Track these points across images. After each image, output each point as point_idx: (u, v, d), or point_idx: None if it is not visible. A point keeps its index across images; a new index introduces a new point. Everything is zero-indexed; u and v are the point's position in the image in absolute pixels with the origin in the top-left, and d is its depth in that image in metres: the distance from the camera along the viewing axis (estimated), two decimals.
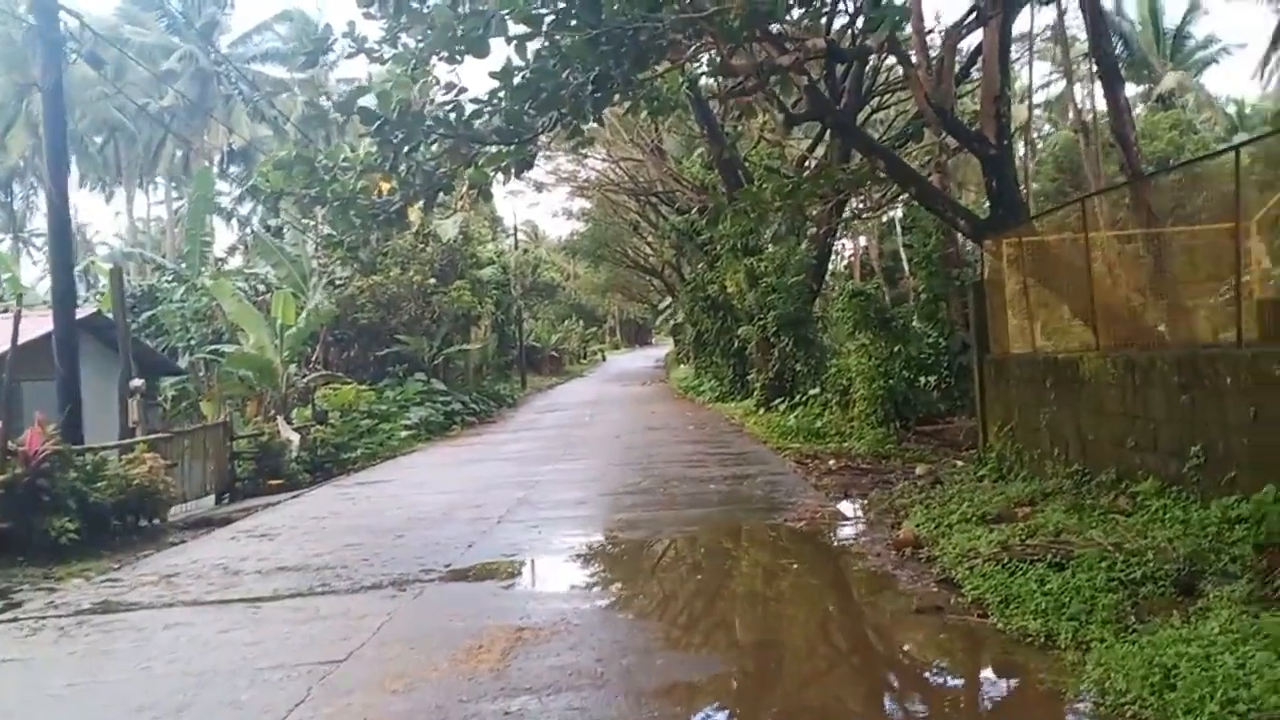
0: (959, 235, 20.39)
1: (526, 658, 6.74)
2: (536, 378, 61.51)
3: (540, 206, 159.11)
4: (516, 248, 62.39)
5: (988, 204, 14.98)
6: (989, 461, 13.30)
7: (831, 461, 17.39)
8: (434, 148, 13.50)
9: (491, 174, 14.26)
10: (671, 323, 64.51)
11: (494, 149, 13.36)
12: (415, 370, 34.21)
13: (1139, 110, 40.66)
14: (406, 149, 12.87)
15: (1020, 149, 23.76)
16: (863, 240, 47.25)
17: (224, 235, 58.32)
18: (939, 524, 9.96)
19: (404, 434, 26.01)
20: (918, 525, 10.18)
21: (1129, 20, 46.89)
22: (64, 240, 14.26)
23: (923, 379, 20.26)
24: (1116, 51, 26.67)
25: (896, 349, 19.94)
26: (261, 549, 11.89)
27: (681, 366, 63.32)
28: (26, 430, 12.53)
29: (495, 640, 7.18)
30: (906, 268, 41.96)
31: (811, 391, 24.61)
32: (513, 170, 14.15)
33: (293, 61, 48.43)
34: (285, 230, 31.14)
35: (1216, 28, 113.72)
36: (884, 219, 38.35)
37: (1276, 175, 8.66)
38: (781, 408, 25.31)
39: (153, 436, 16.01)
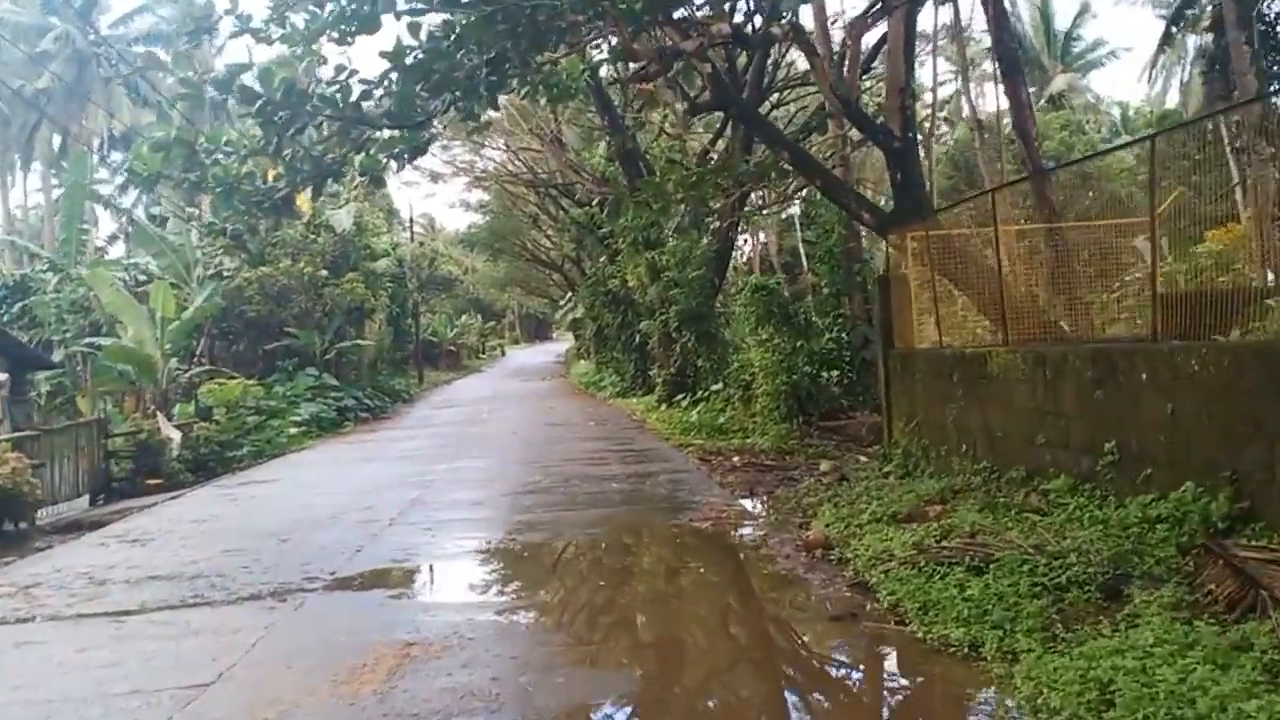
0: (860, 230, 20.37)
1: (415, 677, 6.21)
2: (434, 373, 60.33)
3: (437, 198, 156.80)
4: (413, 240, 61.09)
5: (890, 198, 14.87)
6: (894, 458, 13.12)
7: (736, 458, 17.12)
8: (322, 130, 12.84)
9: (384, 161, 13.64)
10: (571, 318, 63.91)
11: (386, 134, 12.76)
12: (306, 365, 33.07)
13: None
14: (291, 131, 12.15)
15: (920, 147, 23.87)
16: (763, 236, 47.33)
17: (107, 225, 55.91)
18: (848, 524, 9.69)
19: (294, 431, 25.02)
20: (827, 525, 9.90)
21: (1022, 22, 47.80)
22: None
23: (825, 374, 20.15)
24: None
25: (799, 344, 19.78)
26: (132, 556, 11.07)
27: (582, 362, 62.77)
28: None
29: (381, 658, 6.63)
30: (805, 263, 42.24)
31: (714, 387, 24.38)
32: (406, 157, 13.54)
33: (175, 43, 46.40)
34: (168, 220, 29.73)
35: (1105, 31, 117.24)
36: (783, 215, 38.40)
37: (1162, 174, 8.54)
38: (684, 403, 25.03)
39: (16, 435, 14.95)
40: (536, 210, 46.78)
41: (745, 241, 42.45)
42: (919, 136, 18.44)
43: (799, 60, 26.66)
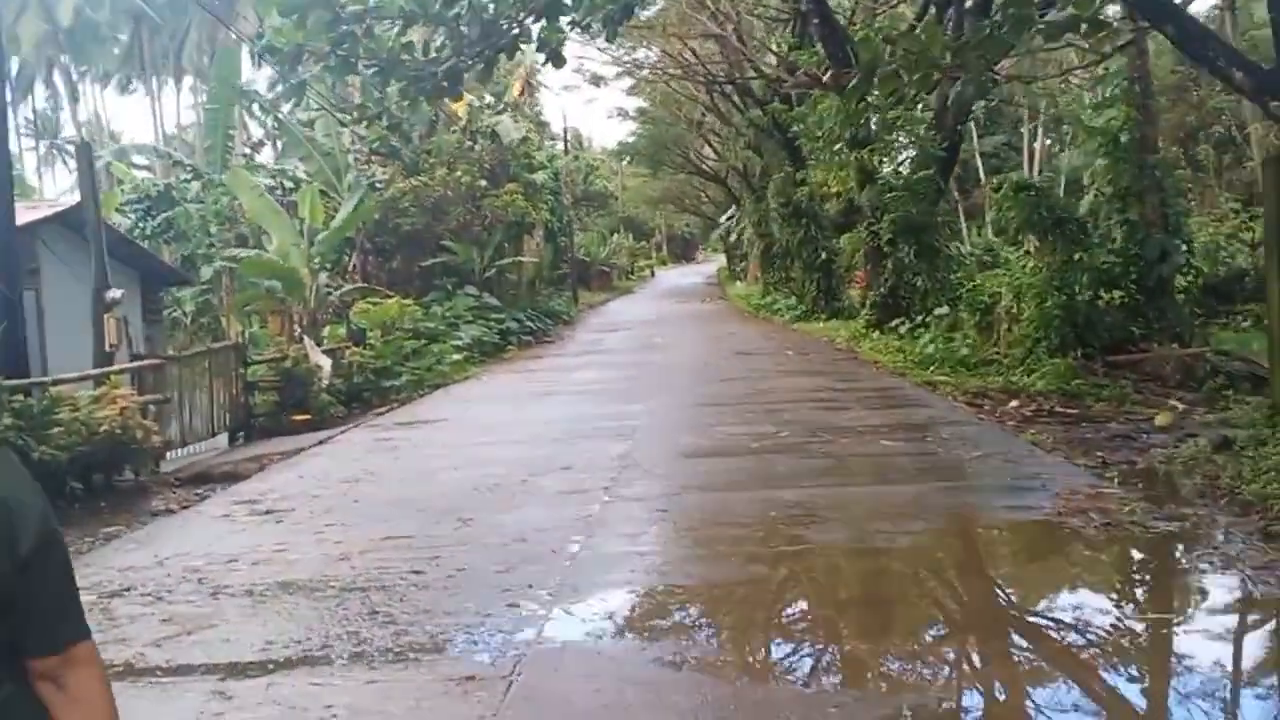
0: (1155, 115, 16.06)
1: None
2: (587, 294, 57.40)
3: (597, 103, 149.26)
4: (568, 152, 57.78)
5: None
6: None
7: (1013, 403, 13.38)
8: None
9: (565, 32, 10.48)
10: (731, 236, 59.93)
11: None
12: (465, 284, 30.31)
13: None
14: None
15: None
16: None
17: (257, 134, 54.01)
18: None
19: (456, 357, 22.11)
20: None
21: None
22: None
23: (1106, 296, 16.05)
24: None
25: (1077, 256, 15.73)
26: (262, 539, 8.05)
27: (738, 284, 59.08)
28: None
29: None
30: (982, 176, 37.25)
31: (938, 311, 20.44)
32: (616, 18, 10.44)
33: None
34: (317, 123, 27.00)
35: None
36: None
37: None
38: (901, 330, 21.19)
39: (135, 364, 12.24)
40: (702, 115, 42.94)
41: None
42: None
43: None
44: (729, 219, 60.58)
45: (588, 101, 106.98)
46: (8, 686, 1.63)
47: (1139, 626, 5.58)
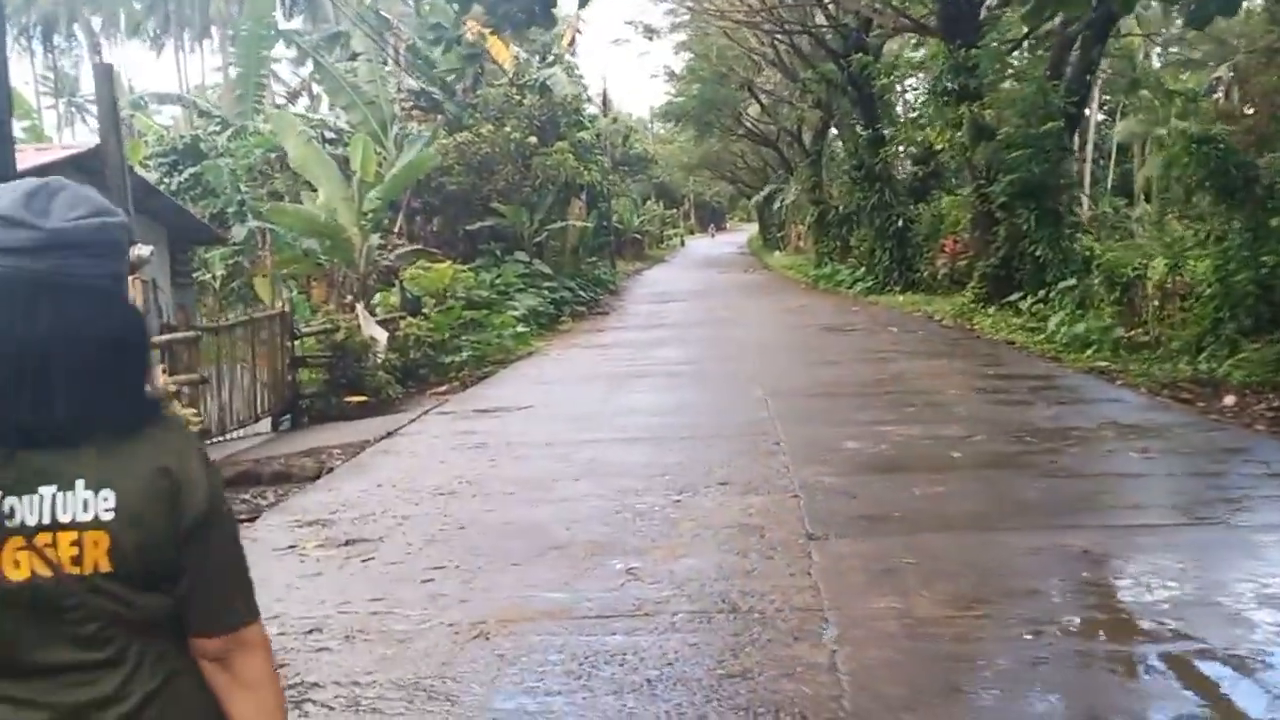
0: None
1: None
2: (621, 262, 55.11)
3: (645, 59, 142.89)
4: (605, 113, 55.00)
5: None
6: None
7: (1229, 399, 11.01)
8: None
9: None
10: (777, 202, 57.16)
11: None
12: (512, 249, 27.92)
13: None
14: None
15: None
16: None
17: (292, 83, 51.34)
18: None
19: (520, 329, 19.77)
20: None
21: None
22: None
23: None
24: None
25: (1274, 222, 13.27)
26: (350, 592, 5.72)
27: (776, 253, 56.62)
28: None
29: None
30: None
31: (1062, 284, 18.00)
32: None
33: None
34: (360, 68, 24.50)
35: None
36: None
37: None
38: (1021, 306, 18.73)
39: (164, 338, 9.95)
40: (758, 69, 40.35)
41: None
42: None
43: None
44: (773, 183, 57.87)
45: (641, 55, 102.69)
46: (174, 664, 1.61)
47: None
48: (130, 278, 6.71)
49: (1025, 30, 21.17)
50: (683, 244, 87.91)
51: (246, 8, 27.26)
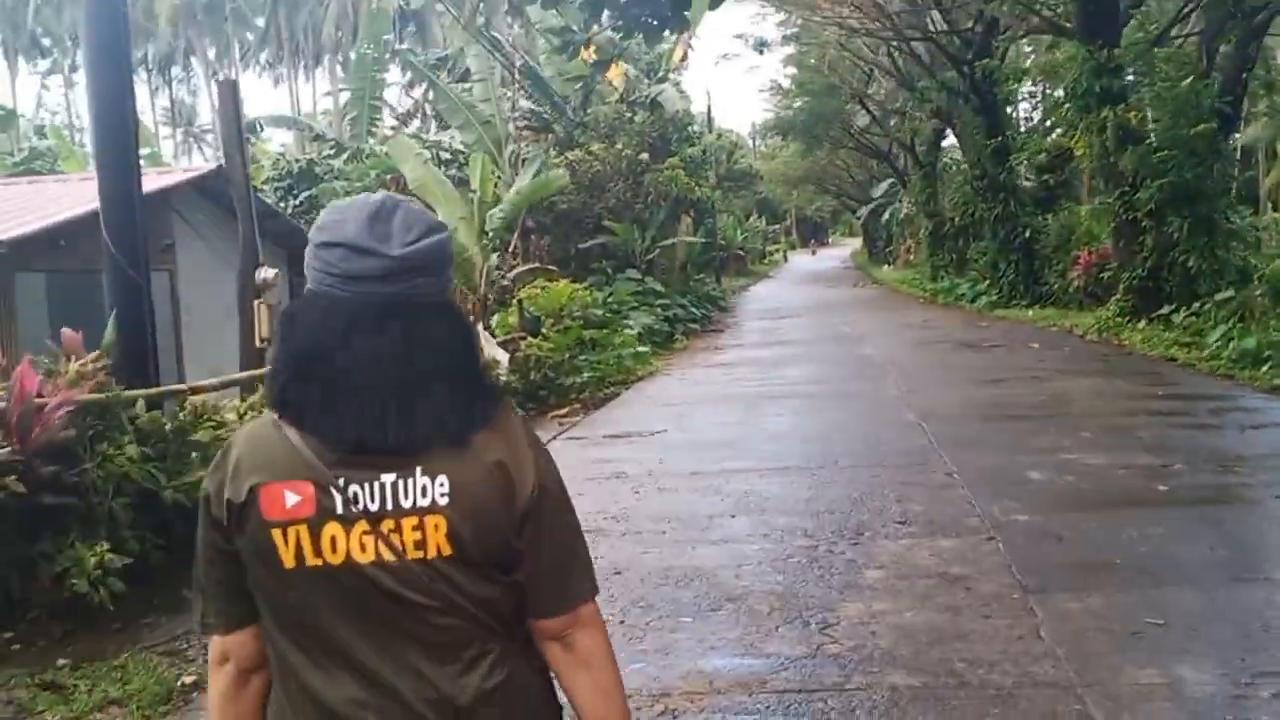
0: None
1: None
2: (724, 278, 54.40)
3: (756, 73, 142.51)
4: (711, 129, 54.43)
5: None
6: None
7: None
8: None
9: None
10: (886, 215, 55.82)
11: None
12: (624, 266, 27.41)
13: None
14: None
15: None
16: None
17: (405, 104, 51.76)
18: None
19: (641, 349, 19.17)
20: None
21: None
22: (114, 32, 7.14)
23: None
24: None
25: None
26: None
27: (885, 268, 55.29)
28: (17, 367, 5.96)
29: None
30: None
31: (1221, 295, 16.72)
32: None
33: None
34: (475, 88, 24.26)
35: None
36: None
37: None
38: (1174, 320, 17.44)
39: None
40: (869, 79, 39.36)
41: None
42: None
43: None
44: (883, 195, 56.56)
45: (750, 69, 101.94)
46: (515, 661, 1.63)
47: None
48: (257, 302, 6.10)
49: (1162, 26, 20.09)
50: (785, 259, 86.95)
51: (362, 30, 27.29)
